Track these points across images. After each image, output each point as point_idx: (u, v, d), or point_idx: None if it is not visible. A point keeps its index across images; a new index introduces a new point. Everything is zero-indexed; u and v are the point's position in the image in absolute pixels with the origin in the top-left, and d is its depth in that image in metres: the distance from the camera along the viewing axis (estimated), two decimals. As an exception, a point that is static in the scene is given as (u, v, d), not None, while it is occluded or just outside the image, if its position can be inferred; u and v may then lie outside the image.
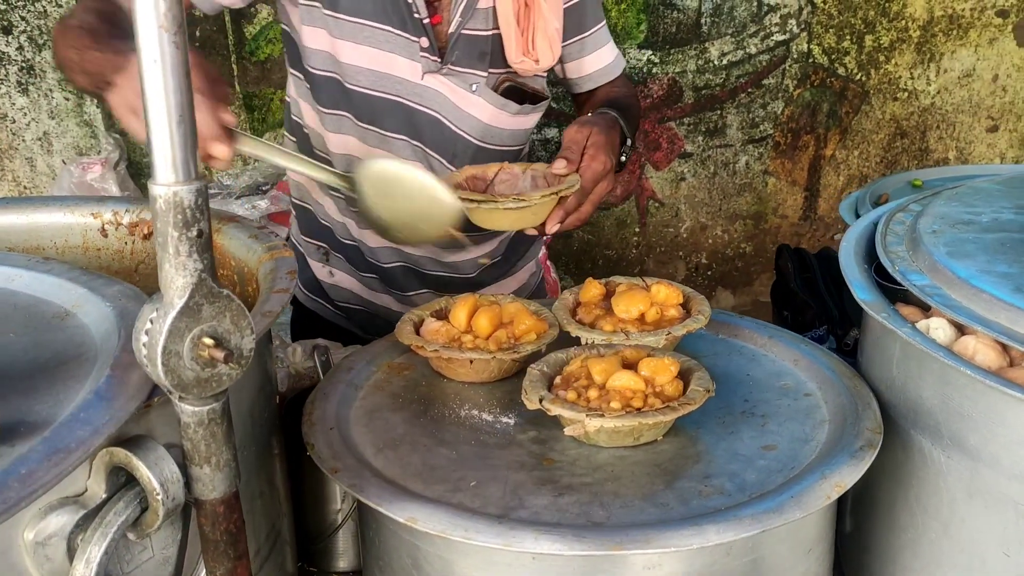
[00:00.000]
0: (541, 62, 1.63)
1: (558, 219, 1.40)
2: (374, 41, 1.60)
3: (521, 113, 1.70)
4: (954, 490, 1.02)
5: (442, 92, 1.64)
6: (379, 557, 1.09)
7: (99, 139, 3.52)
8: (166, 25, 0.68)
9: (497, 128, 1.69)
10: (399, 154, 1.68)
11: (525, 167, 1.47)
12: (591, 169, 1.43)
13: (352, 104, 1.65)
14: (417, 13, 1.59)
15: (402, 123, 1.66)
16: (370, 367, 1.28)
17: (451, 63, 1.63)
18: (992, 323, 0.99)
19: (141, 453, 0.79)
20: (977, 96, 3.91)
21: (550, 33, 1.62)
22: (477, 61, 1.64)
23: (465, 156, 1.69)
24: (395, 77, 1.63)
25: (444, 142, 1.68)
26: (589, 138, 1.46)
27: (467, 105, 1.66)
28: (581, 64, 1.78)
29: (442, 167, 1.69)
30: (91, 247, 1.40)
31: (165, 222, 0.73)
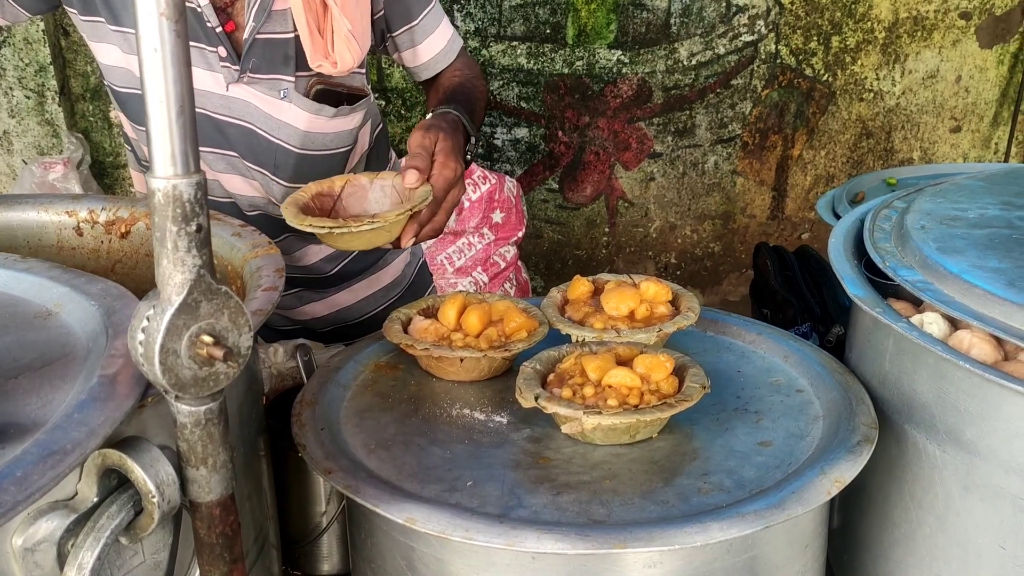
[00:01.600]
0: (340, 65, 1.53)
1: (412, 233, 1.34)
2: None
3: (340, 115, 1.61)
4: (949, 484, 1.03)
5: (251, 102, 1.56)
6: (371, 560, 1.07)
7: (61, 138, 3.45)
8: (167, 13, 0.66)
9: (316, 133, 1.60)
10: (215, 167, 1.62)
11: (372, 177, 1.41)
12: (442, 177, 1.37)
13: None
14: (209, 22, 1.51)
15: (212, 136, 1.59)
16: (357, 367, 1.26)
17: (250, 70, 1.54)
18: (987, 318, 0.99)
19: (135, 455, 0.77)
20: (941, 97, 3.97)
21: (344, 35, 1.52)
22: (281, 66, 1.55)
23: (287, 165, 1.61)
24: (199, 90, 1.53)
25: (261, 153, 1.60)
26: (436, 144, 1.39)
27: (279, 113, 1.57)
28: (415, 53, 1.71)
29: (265, 178, 1.62)
30: (66, 246, 1.37)
31: (164, 216, 0.71)
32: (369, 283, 1.88)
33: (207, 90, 1.56)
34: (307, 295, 1.83)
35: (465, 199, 3.40)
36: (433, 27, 1.70)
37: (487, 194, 3.44)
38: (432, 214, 1.37)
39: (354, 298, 1.87)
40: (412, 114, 3.76)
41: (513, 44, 3.72)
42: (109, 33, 1.54)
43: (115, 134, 3.56)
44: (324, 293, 1.83)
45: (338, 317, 1.88)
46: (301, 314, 1.84)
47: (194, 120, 0.71)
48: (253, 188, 1.65)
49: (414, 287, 1.97)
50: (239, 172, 1.63)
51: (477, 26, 3.66)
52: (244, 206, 1.67)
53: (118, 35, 1.54)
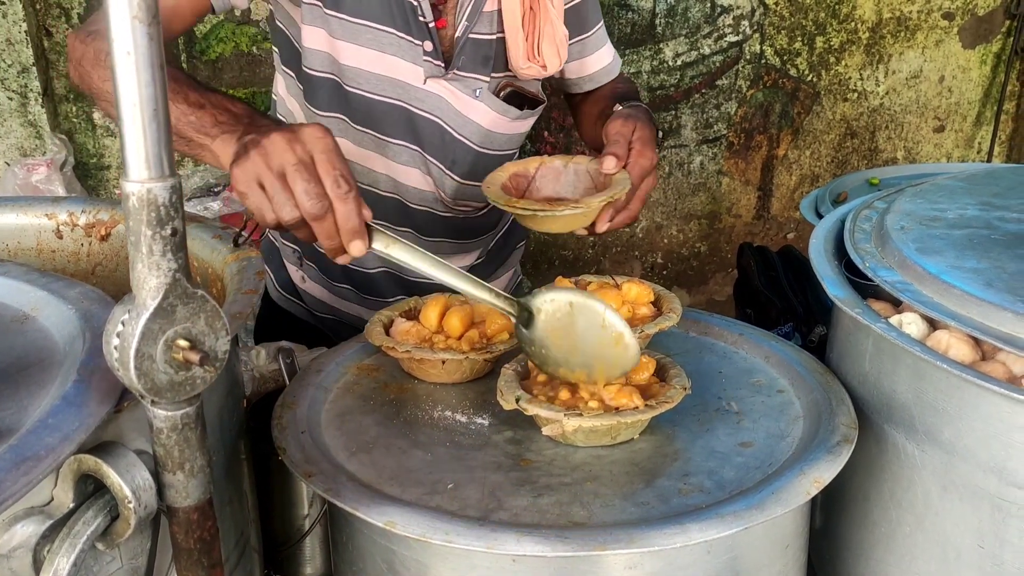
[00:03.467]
0: (548, 67, 1.60)
1: (608, 218, 1.35)
2: (376, 43, 1.55)
3: (520, 118, 1.67)
4: (928, 484, 1.03)
5: (444, 97, 1.60)
6: (352, 563, 1.06)
7: (44, 140, 3.43)
8: (140, 16, 0.66)
9: (497, 133, 1.66)
10: (396, 159, 1.64)
11: (567, 160, 1.42)
12: (639, 165, 1.37)
13: (349, 107, 1.60)
14: (422, 16, 1.54)
15: (402, 128, 1.62)
16: (339, 369, 1.25)
17: (457, 68, 1.59)
18: (964, 318, 1.00)
19: (111, 460, 0.76)
20: (924, 97, 3.98)
21: (558, 38, 1.58)
22: (481, 66, 1.60)
23: (464, 162, 1.66)
24: (397, 81, 1.58)
25: (443, 148, 1.64)
26: (634, 132, 1.40)
27: (469, 111, 1.62)
28: (583, 64, 1.75)
29: (441, 173, 1.66)
30: (45, 249, 1.36)
31: (138, 220, 0.71)
32: None
33: (406, 82, 1.58)
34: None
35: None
36: (603, 41, 1.76)
37: (473, 195, 3.44)
38: (627, 202, 1.37)
39: None
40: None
41: (498, 45, 3.71)
42: (323, 16, 1.55)
43: (98, 135, 3.54)
44: None
45: None
46: None
47: (168, 123, 0.70)
48: (427, 182, 1.67)
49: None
50: (418, 166, 1.65)
51: (462, 27, 3.65)
52: (413, 200, 1.69)
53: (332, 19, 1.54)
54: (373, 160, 1.65)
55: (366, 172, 1.67)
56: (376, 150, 1.64)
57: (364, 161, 1.66)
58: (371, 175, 1.67)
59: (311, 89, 1.62)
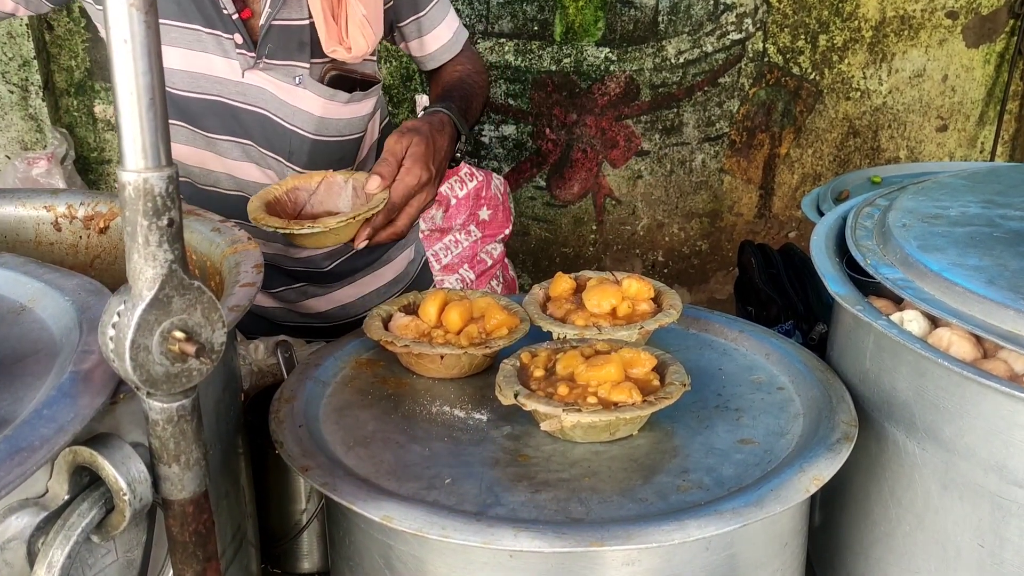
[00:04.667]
0: (354, 51, 1.56)
1: (365, 236, 1.36)
2: (184, 42, 1.54)
3: (353, 101, 1.63)
4: (929, 482, 1.03)
5: (266, 88, 1.58)
6: (349, 557, 1.06)
7: (45, 133, 3.43)
8: (137, 3, 0.65)
9: (330, 119, 1.63)
10: (229, 155, 1.62)
11: (348, 176, 1.42)
12: (403, 184, 1.38)
13: (174, 107, 1.58)
14: (225, 9, 1.52)
15: (227, 123, 1.60)
16: (337, 363, 1.25)
17: (266, 56, 1.56)
18: (966, 315, 0.99)
19: (107, 452, 0.76)
20: (927, 96, 3.98)
21: (359, 20, 1.54)
22: (296, 52, 1.57)
23: (301, 151, 1.63)
24: (214, 77, 1.56)
25: (276, 139, 1.61)
26: (408, 149, 1.40)
27: (294, 99, 1.59)
28: (422, 44, 1.74)
29: (280, 165, 1.63)
30: (44, 241, 1.35)
31: (134, 210, 0.70)
32: (371, 279, 1.88)
33: (223, 77, 1.57)
34: (310, 290, 1.83)
35: (452, 196, 3.40)
36: (440, 18, 1.73)
37: (474, 191, 3.44)
38: (388, 219, 1.38)
39: (356, 294, 1.88)
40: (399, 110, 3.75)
41: (501, 41, 3.71)
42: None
43: (99, 129, 3.54)
44: (326, 288, 1.84)
45: (342, 312, 1.88)
46: (304, 308, 1.85)
47: (165, 112, 0.70)
48: (267, 176, 1.65)
49: (416, 284, 1.98)
50: (254, 160, 1.64)
51: (464, 22, 3.64)
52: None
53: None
54: (209, 160, 1.64)
55: (205, 173, 1.65)
56: (208, 149, 1.62)
57: (201, 163, 1.64)
58: (211, 176, 1.65)
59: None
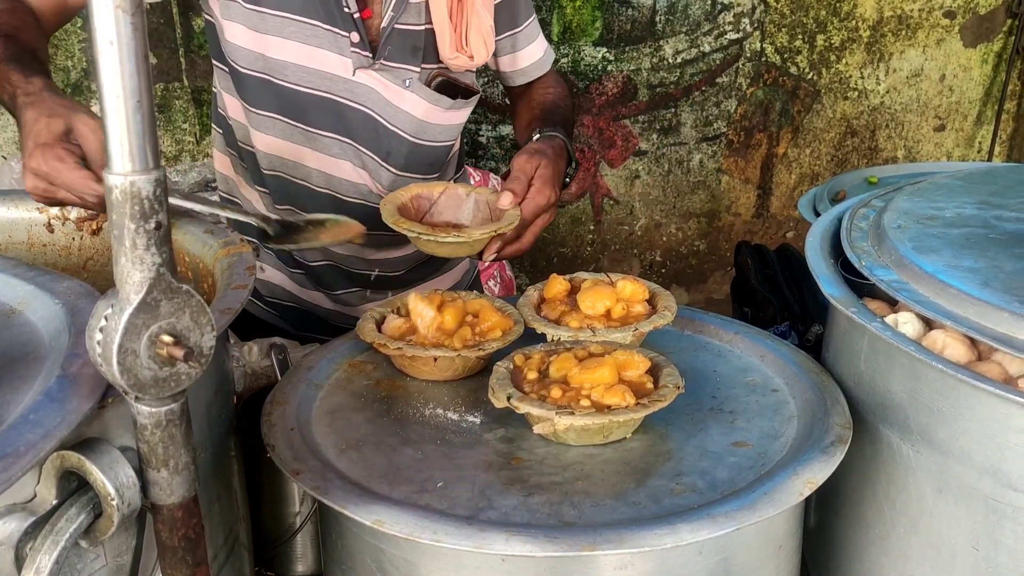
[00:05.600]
0: (475, 58, 1.62)
1: (495, 250, 1.41)
2: (302, 36, 1.55)
3: (454, 108, 1.67)
4: (923, 485, 1.02)
5: (374, 88, 1.60)
6: (341, 561, 1.06)
7: (41, 133, 3.41)
8: (123, 5, 0.65)
9: (430, 124, 1.66)
10: (328, 152, 1.64)
11: (469, 190, 1.48)
12: (534, 203, 1.43)
13: (280, 100, 1.60)
14: (347, 7, 1.55)
15: (332, 120, 1.62)
16: (331, 366, 1.24)
17: (383, 58, 1.59)
18: (961, 318, 0.99)
19: (94, 456, 0.76)
20: (925, 96, 3.97)
21: (484, 29, 1.60)
22: (410, 56, 1.61)
23: (399, 153, 1.66)
24: (325, 73, 1.58)
25: (377, 139, 1.64)
26: (537, 170, 1.45)
27: (400, 101, 1.62)
28: (515, 59, 1.77)
29: (376, 165, 1.66)
30: (36, 243, 1.35)
31: (121, 214, 0.70)
32: (430, 286, 1.89)
33: (334, 74, 1.59)
34: (371, 295, 1.84)
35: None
36: (534, 36, 1.78)
37: (471, 191, 3.42)
38: (518, 235, 1.44)
39: None
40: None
41: (498, 41, 3.70)
42: (243, 12, 1.55)
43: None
44: (385, 294, 1.85)
45: None
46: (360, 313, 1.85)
47: (152, 115, 0.69)
48: (360, 176, 1.67)
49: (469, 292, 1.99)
50: (350, 158, 1.66)
51: (462, 23, 3.64)
52: (348, 193, 1.69)
53: (253, 14, 1.55)
54: (304, 155, 1.65)
55: (298, 167, 1.66)
56: (307, 144, 1.64)
57: (298, 157, 1.65)
58: (303, 170, 1.66)
59: (240, 83, 1.62)
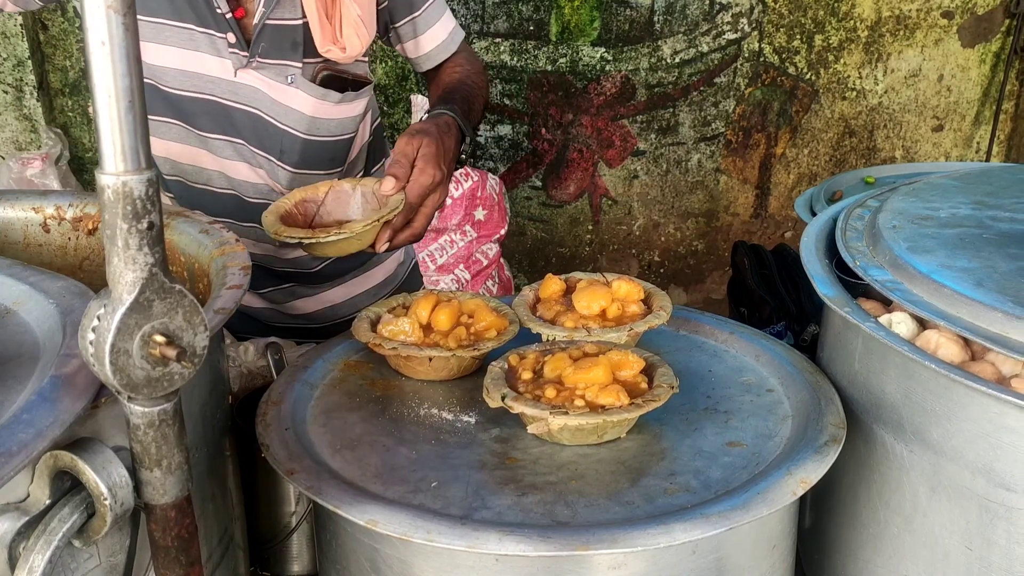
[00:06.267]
0: (348, 50, 1.57)
1: (387, 239, 1.37)
2: (178, 41, 1.54)
3: (344, 101, 1.64)
4: (916, 484, 1.02)
5: (258, 87, 1.58)
6: (336, 561, 1.06)
7: (39, 134, 3.42)
8: (115, 6, 0.65)
9: (322, 119, 1.63)
10: (222, 154, 1.63)
11: (355, 183, 1.43)
12: (418, 184, 1.38)
13: (168, 106, 1.59)
14: (219, 8, 1.53)
15: (220, 123, 1.60)
16: (326, 365, 1.24)
17: (259, 56, 1.57)
18: (954, 317, 0.99)
19: (87, 456, 0.76)
20: (923, 96, 3.98)
21: (353, 20, 1.55)
22: (289, 52, 1.58)
23: (293, 151, 1.63)
24: (207, 76, 1.57)
25: (268, 138, 1.62)
26: (419, 150, 1.41)
27: (286, 98, 1.60)
28: (417, 44, 1.74)
29: (271, 164, 1.64)
30: (32, 243, 1.35)
31: (114, 214, 0.70)
32: (361, 281, 1.88)
33: (216, 76, 1.58)
34: (299, 290, 1.83)
35: (447, 197, 3.39)
36: (435, 18, 1.73)
37: (469, 191, 3.43)
38: (407, 220, 1.39)
39: (346, 295, 1.88)
40: (395, 110, 3.74)
41: (496, 41, 3.71)
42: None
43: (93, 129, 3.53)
44: (316, 289, 1.84)
45: (331, 313, 1.88)
46: (293, 309, 1.85)
47: (144, 115, 0.70)
48: (258, 175, 1.66)
49: (406, 286, 1.98)
50: (245, 159, 1.64)
51: (460, 22, 3.64)
52: (249, 194, 1.68)
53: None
54: (202, 158, 1.64)
55: (197, 171, 1.66)
56: (201, 147, 1.63)
57: (195, 160, 1.64)
58: (203, 173, 1.66)
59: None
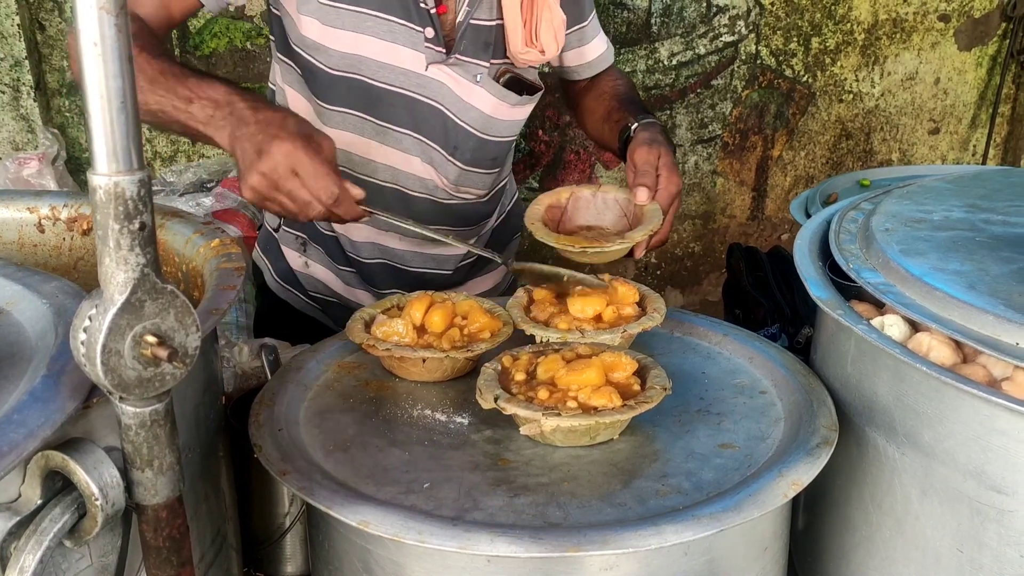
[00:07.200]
0: (546, 52, 1.63)
1: (645, 245, 1.43)
2: (377, 32, 1.57)
3: (519, 104, 1.69)
4: (908, 487, 1.02)
5: (446, 83, 1.62)
6: (329, 561, 1.06)
7: (36, 134, 3.41)
8: (107, 7, 0.65)
9: (497, 119, 1.68)
10: (397, 146, 1.65)
11: (594, 190, 1.50)
12: (667, 192, 1.46)
13: (353, 95, 1.61)
14: (423, 3, 1.56)
15: (403, 115, 1.63)
16: (320, 366, 1.25)
17: (458, 53, 1.61)
18: (945, 320, 0.99)
19: (79, 456, 0.76)
20: (920, 99, 3.98)
21: (556, 24, 1.62)
22: (482, 51, 1.62)
23: (466, 148, 1.67)
24: (399, 68, 1.59)
25: (445, 134, 1.66)
26: (660, 159, 1.48)
27: (470, 96, 1.64)
28: (581, 52, 1.78)
29: (443, 159, 1.67)
30: (27, 243, 1.35)
31: (105, 214, 0.70)
32: (475, 284, 1.92)
33: (408, 69, 1.60)
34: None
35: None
36: (597, 30, 1.81)
37: (466, 193, 3.43)
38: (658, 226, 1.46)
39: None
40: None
41: (493, 43, 3.70)
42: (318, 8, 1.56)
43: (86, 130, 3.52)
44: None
45: None
46: None
47: (137, 116, 0.70)
48: (427, 170, 1.69)
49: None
50: (419, 153, 1.67)
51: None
52: (413, 188, 1.70)
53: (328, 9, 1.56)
54: (373, 149, 1.66)
55: (365, 163, 1.67)
56: (376, 138, 1.65)
57: (365, 151, 1.66)
58: (370, 165, 1.67)
59: (313, 80, 1.62)
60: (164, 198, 3.19)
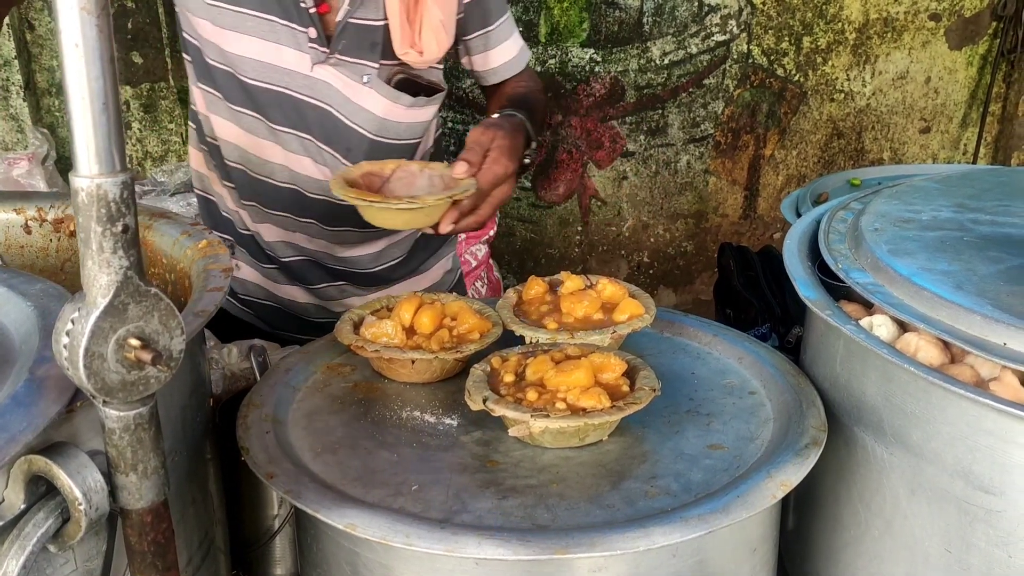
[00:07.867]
0: (425, 54, 1.59)
1: (452, 220, 1.38)
2: (259, 32, 1.55)
3: (415, 105, 1.65)
4: (897, 487, 1.02)
5: (332, 84, 1.60)
6: (317, 564, 1.05)
7: (26, 134, 3.40)
8: (88, 7, 0.64)
9: (392, 121, 1.65)
10: (289, 147, 1.64)
11: (423, 166, 1.45)
12: (491, 172, 1.41)
13: (243, 95, 1.60)
14: (303, 2, 1.54)
15: (292, 116, 1.61)
16: (308, 368, 1.24)
17: (339, 52, 1.58)
18: (933, 320, 0.99)
19: (62, 461, 0.75)
20: (910, 98, 3.99)
21: (434, 25, 1.58)
22: (367, 52, 1.59)
23: (359, 150, 1.64)
24: (283, 69, 1.58)
25: (336, 136, 1.64)
26: (493, 141, 1.43)
27: (358, 97, 1.61)
28: (487, 57, 1.76)
29: (336, 162, 1.65)
30: (14, 244, 1.34)
31: (88, 216, 0.69)
32: (409, 285, 1.90)
33: (292, 69, 1.59)
34: (349, 289, 1.85)
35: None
36: (507, 35, 1.76)
37: (458, 192, 3.42)
38: (474, 206, 1.41)
39: None
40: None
41: (485, 42, 3.70)
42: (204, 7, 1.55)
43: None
44: (366, 290, 1.86)
45: None
46: (341, 307, 1.86)
47: (119, 117, 0.69)
48: (321, 172, 1.67)
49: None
50: (311, 154, 1.65)
51: (449, 24, 3.64)
52: (310, 189, 1.68)
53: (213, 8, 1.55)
54: (268, 150, 1.65)
55: (262, 163, 1.67)
56: (270, 138, 1.64)
57: (261, 151, 1.65)
58: (267, 166, 1.67)
59: (210, 77, 1.62)
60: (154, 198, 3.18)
